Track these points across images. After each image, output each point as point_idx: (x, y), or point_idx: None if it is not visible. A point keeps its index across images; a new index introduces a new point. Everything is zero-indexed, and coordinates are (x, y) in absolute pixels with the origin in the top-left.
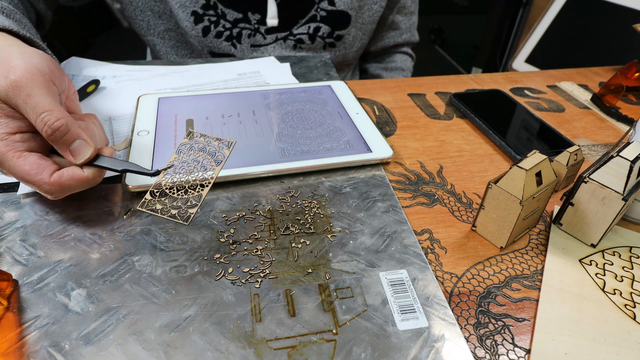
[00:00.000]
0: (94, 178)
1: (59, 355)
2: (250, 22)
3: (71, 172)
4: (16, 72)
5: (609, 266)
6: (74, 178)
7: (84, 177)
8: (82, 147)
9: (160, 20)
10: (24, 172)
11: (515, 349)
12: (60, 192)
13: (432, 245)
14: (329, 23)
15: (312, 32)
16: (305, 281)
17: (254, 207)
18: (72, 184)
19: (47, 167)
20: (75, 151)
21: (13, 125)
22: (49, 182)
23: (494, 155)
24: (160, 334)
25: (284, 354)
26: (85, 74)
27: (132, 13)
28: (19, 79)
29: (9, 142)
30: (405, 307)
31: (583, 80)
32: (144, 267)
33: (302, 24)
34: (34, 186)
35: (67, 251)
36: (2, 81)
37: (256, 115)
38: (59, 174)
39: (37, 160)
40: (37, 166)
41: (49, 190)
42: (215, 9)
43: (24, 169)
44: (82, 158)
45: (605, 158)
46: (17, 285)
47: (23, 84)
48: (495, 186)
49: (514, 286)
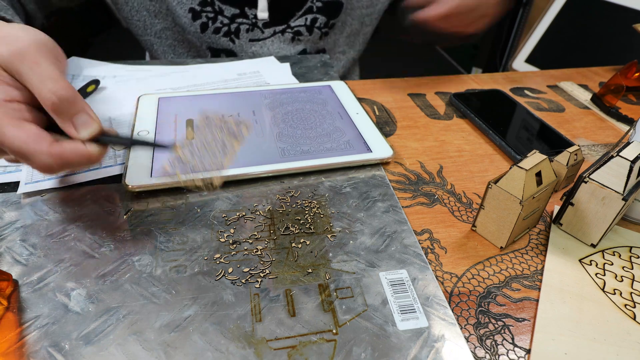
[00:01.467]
0: (97, 155)
1: (59, 355)
2: (247, 17)
3: (73, 145)
4: (21, 41)
5: (609, 266)
6: (76, 151)
7: (86, 152)
8: (88, 121)
9: (156, 19)
10: (20, 141)
11: (515, 349)
12: (59, 165)
13: (432, 245)
14: (324, 13)
15: (309, 24)
16: (305, 281)
17: (254, 207)
18: (73, 157)
19: (47, 137)
20: (80, 125)
21: (11, 93)
22: (48, 151)
23: (494, 155)
24: (160, 334)
25: (284, 354)
26: (85, 74)
27: (127, 14)
28: (26, 46)
29: (5, 109)
30: (405, 307)
31: (583, 80)
32: (144, 267)
33: (299, 16)
34: (30, 158)
35: (67, 251)
36: (4, 48)
37: (256, 115)
38: (60, 144)
39: (35, 130)
40: (36, 135)
41: (47, 162)
42: (213, 5)
43: (21, 136)
44: (88, 132)
45: (605, 158)
46: (17, 285)
47: (30, 52)
48: (495, 186)
49: (514, 286)
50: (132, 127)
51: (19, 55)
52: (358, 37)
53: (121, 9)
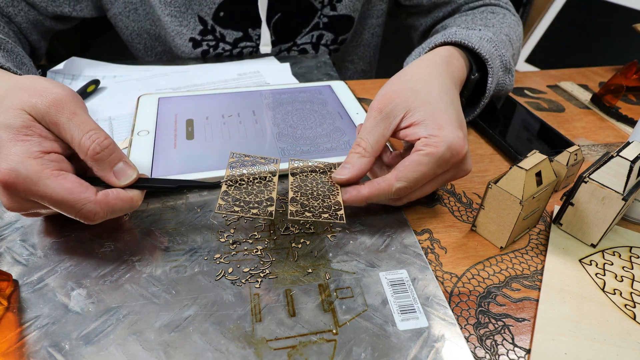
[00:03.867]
0: (137, 200)
1: (59, 355)
2: (251, 39)
3: (117, 192)
4: (54, 92)
5: (609, 266)
6: (120, 198)
7: (128, 197)
8: (126, 168)
9: (157, 42)
10: (65, 190)
11: (515, 349)
12: (105, 212)
13: (432, 245)
14: (331, 30)
15: (315, 41)
16: (305, 281)
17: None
18: (118, 204)
19: (90, 187)
20: (120, 173)
21: (47, 145)
22: (95, 200)
23: (494, 155)
24: (160, 334)
25: (284, 354)
26: (85, 74)
27: (128, 37)
28: (61, 97)
29: (44, 161)
30: (405, 307)
31: (583, 80)
32: (144, 267)
33: (306, 33)
34: (74, 207)
35: (67, 251)
36: (38, 99)
37: (256, 115)
38: (104, 192)
39: (78, 179)
40: (80, 184)
41: (94, 210)
42: (214, 32)
43: (66, 186)
44: (127, 180)
45: (605, 158)
46: (17, 285)
47: (67, 102)
48: (495, 186)
49: (514, 286)
50: (132, 127)
51: (57, 106)
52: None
53: (122, 33)
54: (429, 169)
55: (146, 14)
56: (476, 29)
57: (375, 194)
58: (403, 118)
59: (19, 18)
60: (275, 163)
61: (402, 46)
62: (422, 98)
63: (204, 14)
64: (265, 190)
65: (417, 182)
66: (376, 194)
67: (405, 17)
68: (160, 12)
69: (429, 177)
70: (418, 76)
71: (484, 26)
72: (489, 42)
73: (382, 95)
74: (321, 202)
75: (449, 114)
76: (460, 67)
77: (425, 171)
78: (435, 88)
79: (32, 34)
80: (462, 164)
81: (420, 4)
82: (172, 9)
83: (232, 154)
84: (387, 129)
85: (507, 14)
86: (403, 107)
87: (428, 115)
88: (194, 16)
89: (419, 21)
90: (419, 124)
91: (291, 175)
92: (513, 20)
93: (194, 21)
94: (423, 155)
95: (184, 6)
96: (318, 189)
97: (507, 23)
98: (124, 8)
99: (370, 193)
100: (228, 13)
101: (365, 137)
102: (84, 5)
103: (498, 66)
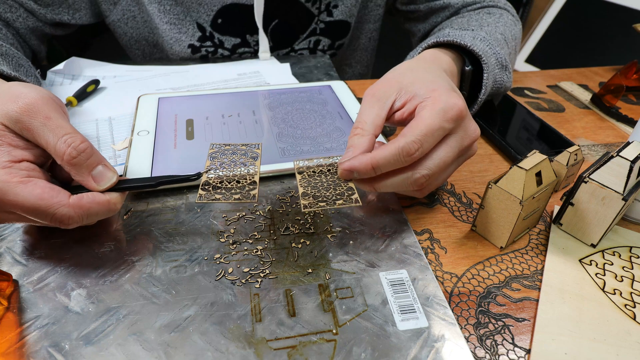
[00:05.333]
0: (116, 203)
1: (59, 355)
2: (249, 45)
3: (92, 196)
4: (28, 97)
5: (609, 266)
6: (96, 201)
7: (105, 200)
8: (105, 172)
9: (155, 49)
10: (35, 197)
11: (515, 349)
12: (79, 216)
13: (432, 245)
14: (328, 35)
15: (313, 46)
16: (305, 281)
17: (254, 207)
18: (93, 207)
19: (62, 191)
20: (99, 176)
21: (16, 154)
22: (68, 203)
23: (494, 155)
24: (160, 334)
25: (284, 354)
26: (85, 74)
27: (126, 43)
28: (34, 102)
29: (12, 170)
30: (405, 307)
31: (583, 80)
32: (144, 267)
33: (303, 38)
34: (47, 212)
35: (67, 251)
36: (11, 106)
37: (256, 115)
38: (78, 196)
39: (48, 184)
40: (51, 189)
41: (67, 214)
42: (212, 39)
43: (36, 192)
44: (106, 184)
45: (605, 158)
46: (17, 286)
47: (39, 107)
48: (495, 186)
49: (514, 286)
50: (132, 127)
51: (30, 112)
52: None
53: (120, 39)
54: (432, 120)
55: (144, 22)
56: (469, 29)
57: (381, 155)
58: (397, 98)
59: (17, 24)
60: (257, 148)
61: (399, 46)
62: (412, 77)
63: (202, 21)
64: (247, 176)
65: (424, 136)
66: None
67: (404, 22)
68: (159, 20)
69: (438, 134)
70: (406, 67)
71: (479, 27)
72: (482, 41)
73: (374, 84)
74: (332, 190)
75: (438, 82)
76: (448, 61)
77: (430, 123)
78: (422, 69)
79: (31, 39)
80: (467, 123)
81: (417, 10)
82: (170, 17)
83: (212, 145)
84: (382, 108)
85: (505, 14)
86: (395, 88)
87: (419, 88)
88: (193, 23)
89: (417, 27)
90: (413, 97)
91: (298, 174)
92: (510, 19)
93: (193, 28)
94: (422, 109)
95: (183, 14)
96: (328, 180)
97: (502, 22)
98: (122, 15)
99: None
100: (226, 20)
101: (362, 118)
102: (82, 13)
103: (493, 63)
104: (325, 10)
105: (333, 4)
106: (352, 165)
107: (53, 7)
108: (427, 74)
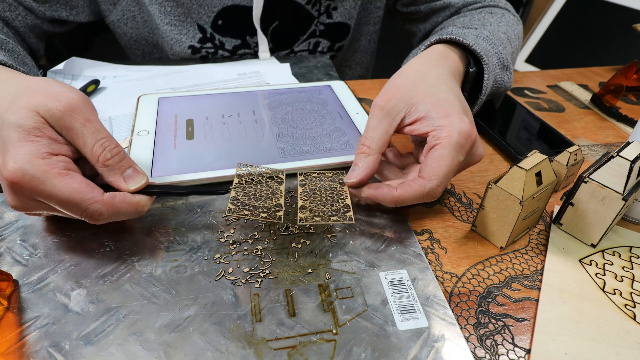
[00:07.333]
0: (144, 205)
1: (59, 355)
2: (249, 47)
3: (123, 196)
4: (70, 97)
5: (609, 266)
6: (127, 201)
7: (135, 202)
8: (135, 174)
9: (155, 49)
10: (72, 190)
11: (515, 349)
12: (110, 213)
13: (432, 245)
14: (328, 37)
15: (312, 48)
16: (305, 281)
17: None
18: (124, 207)
19: (96, 187)
20: (129, 178)
21: (55, 147)
22: (102, 200)
23: (494, 155)
24: (160, 334)
25: (284, 354)
26: (85, 74)
27: (126, 43)
28: (76, 103)
29: (51, 161)
30: (405, 307)
31: (583, 80)
32: (144, 267)
33: (303, 40)
34: (81, 206)
35: (67, 251)
36: (53, 104)
37: (256, 115)
38: (111, 194)
39: (85, 180)
40: (87, 184)
41: (99, 210)
42: (213, 40)
43: (73, 186)
44: (136, 185)
45: (605, 158)
46: (17, 286)
47: (81, 108)
48: (495, 186)
49: (514, 286)
50: (132, 127)
51: (72, 112)
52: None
53: (120, 39)
54: (452, 159)
55: (144, 22)
56: (472, 28)
57: (407, 195)
58: (406, 114)
59: (16, 22)
60: (282, 174)
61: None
62: (423, 91)
63: (203, 22)
64: (272, 198)
65: (447, 176)
66: (408, 195)
67: (404, 23)
68: (159, 21)
69: (455, 167)
70: (416, 71)
71: (482, 25)
72: (485, 40)
73: (384, 92)
74: (330, 206)
75: (451, 102)
76: (456, 60)
77: (450, 162)
78: (433, 78)
79: (30, 37)
80: (474, 149)
81: (418, 11)
82: (171, 18)
83: (239, 164)
84: (391, 125)
85: (506, 14)
86: (405, 102)
87: (431, 107)
88: (193, 24)
89: (418, 27)
90: (425, 118)
91: (300, 186)
92: (512, 19)
93: (193, 29)
94: (440, 148)
95: (184, 15)
96: (327, 195)
97: (505, 22)
98: (122, 15)
99: (401, 194)
100: (226, 21)
101: (369, 134)
102: (80, 10)
103: (495, 63)
104: (325, 12)
105: (332, 6)
106: (375, 197)
107: (51, 3)
108: (438, 86)
